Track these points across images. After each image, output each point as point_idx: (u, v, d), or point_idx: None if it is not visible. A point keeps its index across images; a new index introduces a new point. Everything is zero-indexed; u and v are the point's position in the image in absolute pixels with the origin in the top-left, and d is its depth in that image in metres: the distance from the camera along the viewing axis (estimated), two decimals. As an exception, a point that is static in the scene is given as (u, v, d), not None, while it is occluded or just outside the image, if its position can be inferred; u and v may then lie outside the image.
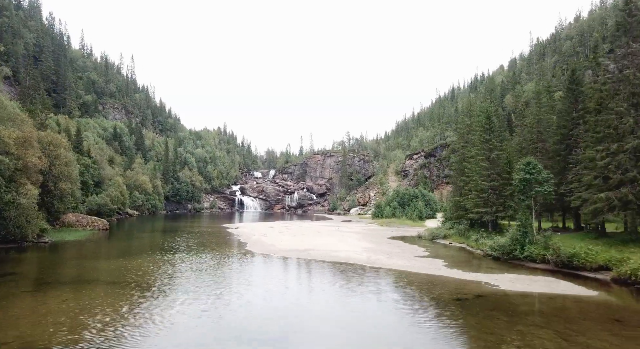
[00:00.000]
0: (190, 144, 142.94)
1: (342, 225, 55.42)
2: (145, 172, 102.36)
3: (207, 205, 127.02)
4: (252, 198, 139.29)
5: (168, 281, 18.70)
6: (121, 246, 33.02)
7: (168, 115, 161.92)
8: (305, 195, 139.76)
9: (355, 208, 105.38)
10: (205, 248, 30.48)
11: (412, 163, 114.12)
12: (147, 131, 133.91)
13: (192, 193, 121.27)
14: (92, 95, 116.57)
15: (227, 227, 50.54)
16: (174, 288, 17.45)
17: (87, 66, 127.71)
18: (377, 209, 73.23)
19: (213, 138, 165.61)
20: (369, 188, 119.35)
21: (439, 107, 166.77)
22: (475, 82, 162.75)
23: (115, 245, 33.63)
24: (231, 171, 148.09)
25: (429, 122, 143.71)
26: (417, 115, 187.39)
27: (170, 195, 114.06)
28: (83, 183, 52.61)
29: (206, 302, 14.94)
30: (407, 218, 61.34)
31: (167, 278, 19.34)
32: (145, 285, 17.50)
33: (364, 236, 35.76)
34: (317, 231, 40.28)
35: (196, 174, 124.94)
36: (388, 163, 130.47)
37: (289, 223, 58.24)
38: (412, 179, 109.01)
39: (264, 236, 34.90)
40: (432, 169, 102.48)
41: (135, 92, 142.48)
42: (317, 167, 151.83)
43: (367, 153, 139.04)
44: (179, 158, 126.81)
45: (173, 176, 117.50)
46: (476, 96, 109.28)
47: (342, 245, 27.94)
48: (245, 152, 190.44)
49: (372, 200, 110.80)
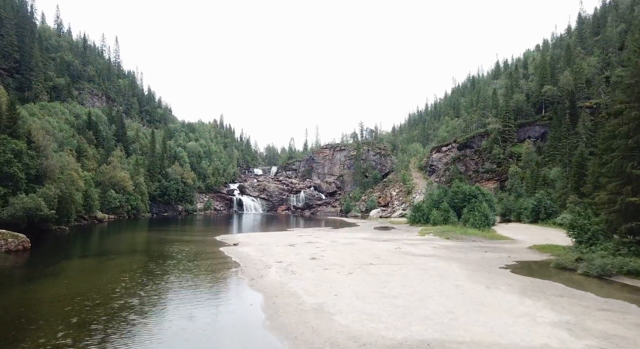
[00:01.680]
0: (182, 137, 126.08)
1: (392, 238, 38.78)
2: (126, 167, 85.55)
3: (201, 205, 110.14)
4: (253, 198, 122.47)
5: None
6: None
7: (158, 104, 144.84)
8: (312, 195, 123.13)
9: (376, 210, 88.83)
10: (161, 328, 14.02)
11: (440, 156, 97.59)
12: (132, 121, 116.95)
13: (184, 192, 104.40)
14: (66, 78, 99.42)
15: (222, 241, 33.95)
16: None
17: (62, 46, 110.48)
18: (417, 212, 56.66)
19: (208, 131, 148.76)
20: (389, 187, 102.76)
21: (459, 96, 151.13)
22: (497, 69, 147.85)
23: None
24: (229, 167, 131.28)
25: (452, 111, 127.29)
26: (433, 105, 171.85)
27: (157, 194, 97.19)
28: (9, 177, 35.78)
29: None
30: (469, 225, 44.80)
31: None
32: None
33: (477, 271, 18.47)
34: (377, 256, 22.84)
35: (188, 170, 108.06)
36: (408, 157, 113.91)
37: (310, 233, 41.56)
38: (441, 175, 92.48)
39: (292, 273, 17.98)
40: (469, 163, 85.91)
41: (119, 78, 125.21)
42: (326, 163, 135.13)
43: (383, 146, 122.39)
44: (169, 152, 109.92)
45: (161, 173, 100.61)
46: (510, 80, 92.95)
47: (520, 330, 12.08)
48: (244, 147, 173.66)
49: (394, 200, 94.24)
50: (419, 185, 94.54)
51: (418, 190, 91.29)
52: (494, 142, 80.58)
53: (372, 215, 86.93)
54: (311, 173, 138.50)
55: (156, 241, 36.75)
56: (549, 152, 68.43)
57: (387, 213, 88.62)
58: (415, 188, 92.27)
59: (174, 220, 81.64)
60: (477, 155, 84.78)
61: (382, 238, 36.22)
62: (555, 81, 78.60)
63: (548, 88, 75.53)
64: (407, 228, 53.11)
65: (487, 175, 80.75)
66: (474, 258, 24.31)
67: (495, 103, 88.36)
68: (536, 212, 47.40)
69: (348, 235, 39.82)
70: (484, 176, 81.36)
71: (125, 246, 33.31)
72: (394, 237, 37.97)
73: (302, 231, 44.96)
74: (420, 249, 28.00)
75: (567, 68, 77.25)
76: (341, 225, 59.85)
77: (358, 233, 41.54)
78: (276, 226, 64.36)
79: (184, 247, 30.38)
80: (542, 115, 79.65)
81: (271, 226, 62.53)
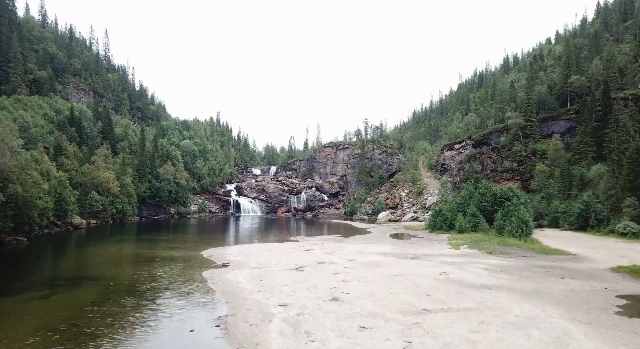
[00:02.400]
0: (176, 135, 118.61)
1: (422, 253, 31.61)
2: (112, 166, 78.29)
3: (195, 208, 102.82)
4: (251, 200, 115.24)
5: None
6: None
7: (150, 101, 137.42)
8: (314, 196, 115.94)
9: (385, 213, 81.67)
10: None
11: (452, 154, 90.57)
12: (122, 117, 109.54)
13: (176, 193, 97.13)
14: (48, 71, 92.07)
15: (209, 259, 26.82)
16: None
17: (46, 37, 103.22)
18: (438, 217, 49.51)
19: (204, 129, 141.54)
20: (397, 187, 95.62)
21: (467, 91, 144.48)
22: (507, 63, 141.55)
23: None
24: (225, 167, 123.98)
25: (463, 106, 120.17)
26: (439, 102, 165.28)
27: (148, 196, 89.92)
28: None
29: None
30: (506, 233, 37.73)
31: None
32: None
33: (597, 325, 11.37)
34: (425, 292, 14.17)
35: (181, 170, 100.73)
36: (416, 156, 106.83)
37: (319, 246, 34.30)
38: (455, 174, 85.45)
39: (307, 337, 10.55)
40: (486, 161, 78.86)
41: (108, 72, 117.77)
42: (328, 162, 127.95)
43: (389, 144, 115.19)
44: (160, 150, 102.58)
45: (151, 173, 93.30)
46: (530, 72, 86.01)
47: None
48: (242, 145, 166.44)
49: (403, 201, 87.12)
50: (431, 185, 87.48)
51: (430, 191, 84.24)
52: (514, 138, 73.54)
53: (381, 218, 79.83)
54: (312, 173, 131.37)
55: (128, 258, 29.54)
56: (580, 148, 61.40)
57: (397, 216, 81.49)
58: (427, 189, 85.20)
59: (164, 224, 74.39)
60: (495, 153, 77.72)
61: (409, 254, 29.02)
62: (581, 71, 71.68)
63: (576, 78, 68.48)
64: (428, 235, 45.96)
65: (507, 174, 73.69)
66: (558, 292, 17.18)
67: (513, 96, 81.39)
68: (584, 218, 40.33)
69: (365, 247, 32.61)
70: (504, 175, 74.32)
71: (82, 268, 26.02)
72: (422, 251, 30.79)
73: (309, 242, 37.72)
74: (472, 273, 20.84)
75: (596, 57, 70.25)
76: (351, 232, 52.65)
77: (376, 245, 34.29)
78: (277, 232, 57.21)
79: (159, 269, 23.17)
80: (568, 108, 72.65)
81: (271, 233, 55.38)
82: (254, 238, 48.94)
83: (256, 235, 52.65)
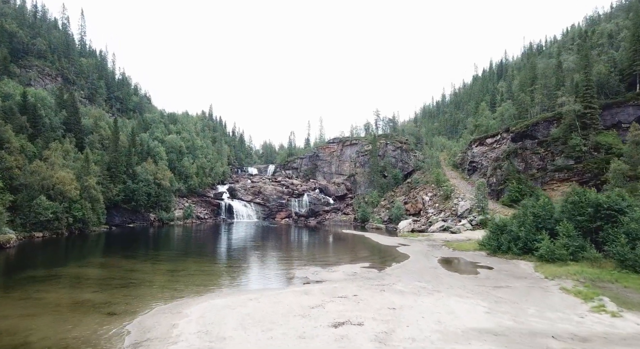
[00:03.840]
0: (161, 129, 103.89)
1: (538, 319, 17.39)
2: (73, 164, 63.73)
3: (180, 213, 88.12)
4: (246, 203, 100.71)
5: None
6: None
7: (133, 92, 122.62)
8: (318, 198, 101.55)
9: (407, 222, 67.21)
10: None
11: (484, 150, 76.32)
12: (96, 108, 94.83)
13: (157, 196, 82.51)
14: (2, 51, 77.34)
15: (151, 328, 12.70)
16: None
17: (6, 14, 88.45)
18: (503, 235, 35.06)
19: (194, 124, 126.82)
20: (417, 189, 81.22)
21: (486, 81, 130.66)
22: (530, 51, 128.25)
23: None
24: (217, 166, 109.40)
25: (487, 95, 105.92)
26: (454, 94, 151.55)
27: (121, 200, 75.37)
28: None
29: None
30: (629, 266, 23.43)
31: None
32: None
33: None
34: None
35: (164, 169, 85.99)
36: (436, 152, 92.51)
37: (345, 291, 20.15)
38: (489, 175, 71.15)
39: None
40: (530, 158, 64.62)
41: (82, 57, 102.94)
42: (333, 160, 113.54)
43: (404, 139, 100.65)
44: (140, 146, 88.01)
45: (126, 173, 78.69)
46: (582, 50, 71.88)
47: None
48: (236, 142, 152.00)
49: (427, 207, 72.74)
50: (460, 187, 73.17)
51: (459, 195, 69.95)
52: (570, 129, 59.26)
53: (402, 228, 65.41)
54: (315, 172, 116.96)
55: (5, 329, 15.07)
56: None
57: (421, 225, 67.09)
58: (456, 192, 70.88)
59: (134, 237, 59.80)
60: (543, 148, 63.44)
61: (537, 332, 14.57)
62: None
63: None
64: (496, 263, 31.55)
65: (561, 174, 59.45)
66: None
67: (560, 80, 67.21)
68: None
69: (437, 307, 18.09)
70: (555, 175, 60.09)
71: None
72: (529, 311, 16.52)
73: (328, 285, 23.13)
74: None
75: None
76: (378, 254, 38.20)
77: (450, 300, 19.76)
78: (275, 252, 42.79)
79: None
80: (638, 91, 58.50)
81: (267, 255, 40.92)
82: (241, 264, 34.49)
83: (245, 259, 38.19)
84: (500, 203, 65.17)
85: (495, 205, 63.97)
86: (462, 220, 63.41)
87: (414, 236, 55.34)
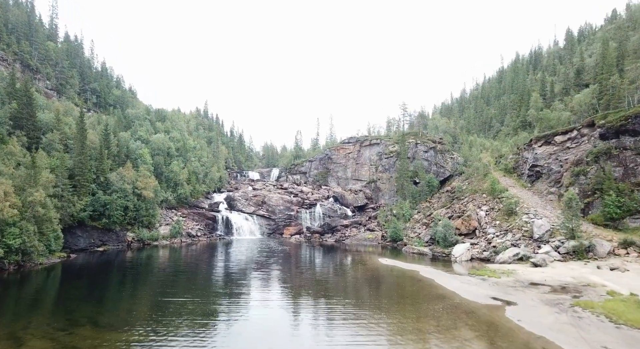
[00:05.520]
0: (146, 127, 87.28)
1: None
2: (14, 172, 46.97)
3: (167, 230, 71.20)
4: (247, 216, 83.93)
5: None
6: None
7: (115, 84, 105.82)
8: (333, 209, 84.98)
9: (464, 247, 50.47)
10: None
11: (551, 151, 59.92)
12: (65, 101, 78.03)
13: (137, 210, 65.86)
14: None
15: None
16: None
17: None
18: None
19: (186, 122, 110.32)
20: (465, 201, 64.63)
21: (515, 74, 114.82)
22: (570, 39, 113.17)
23: None
24: (212, 170, 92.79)
25: (539, 85, 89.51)
26: (480, 87, 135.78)
27: (89, 216, 58.66)
28: None
29: None
30: None
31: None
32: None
33: None
34: None
35: (147, 175, 69.25)
36: (479, 153, 76.04)
37: None
38: (569, 182, 54.55)
39: None
40: (632, 160, 48.17)
41: (49, 40, 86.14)
42: (349, 164, 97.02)
43: (438, 138, 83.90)
44: (117, 147, 71.34)
45: (96, 181, 62.03)
46: None
47: None
48: (235, 143, 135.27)
49: (485, 225, 56.11)
50: (525, 199, 56.64)
51: (528, 209, 53.39)
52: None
53: (459, 255, 48.78)
54: (327, 177, 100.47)
55: None
56: None
57: (482, 250, 50.40)
58: (522, 207, 54.27)
59: (98, 270, 42.86)
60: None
61: None
62: None
63: None
64: None
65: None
66: None
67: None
68: None
69: None
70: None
71: None
72: None
73: None
74: None
75: None
76: (463, 321, 21.61)
77: None
78: (289, 301, 26.24)
79: None
80: None
81: (272, 306, 24.33)
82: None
83: (243, 323, 21.52)
84: (588, 221, 48.80)
85: (584, 224, 47.53)
86: (541, 245, 46.91)
87: (490, 274, 38.57)
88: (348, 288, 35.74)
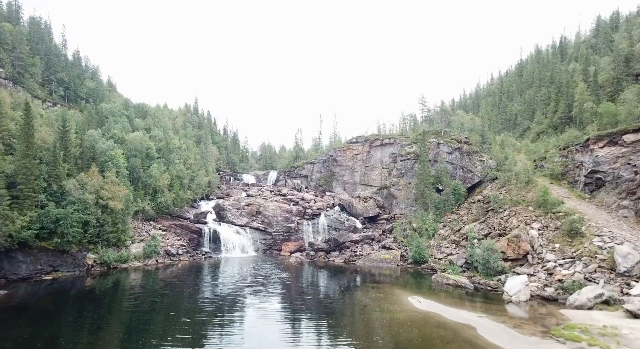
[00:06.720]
0: (122, 124, 74.84)
1: None
2: None
3: (140, 249, 58.59)
4: (239, 229, 71.46)
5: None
6: None
7: (91, 76, 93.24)
8: (339, 220, 72.76)
9: (520, 281, 38.27)
10: None
11: (617, 153, 47.74)
12: (19, 92, 65.53)
13: (101, 225, 53.48)
14: None
15: None
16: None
17: None
18: None
19: (173, 119, 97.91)
20: (506, 214, 52.30)
21: (541, 65, 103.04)
22: (600, 25, 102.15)
23: None
24: (200, 174, 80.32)
25: (582, 76, 77.37)
26: (500, 82, 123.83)
27: (35, 235, 46.15)
28: None
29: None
30: None
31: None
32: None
33: None
34: None
35: (115, 182, 56.80)
36: (514, 155, 63.75)
37: None
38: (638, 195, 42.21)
39: None
40: None
41: (5, 21, 73.58)
42: (357, 166, 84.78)
43: (464, 138, 71.55)
44: (79, 147, 59.03)
45: (47, 190, 49.68)
46: None
47: None
48: (229, 143, 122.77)
49: (539, 247, 43.78)
50: (592, 216, 44.41)
51: (601, 230, 41.10)
52: None
53: (515, 292, 36.63)
54: (331, 182, 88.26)
55: None
56: None
57: (541, 284, 38.19)
58: (591, 226, 42.00)
59: (36, 309, 30.18)
60: None
61: None
62: None
63: None
64: None
65: None
66: None
67: None
68: None
69: None
70: None
71: None
72: None
73: None
74: None
75: None
76: None
77: None
78: None
79: None
80: None
81: None
82: None
83: None
84: (685, 248, 36.57)
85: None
86: (631, 282, 34.67)
87: (587, 337, 26.22)
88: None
